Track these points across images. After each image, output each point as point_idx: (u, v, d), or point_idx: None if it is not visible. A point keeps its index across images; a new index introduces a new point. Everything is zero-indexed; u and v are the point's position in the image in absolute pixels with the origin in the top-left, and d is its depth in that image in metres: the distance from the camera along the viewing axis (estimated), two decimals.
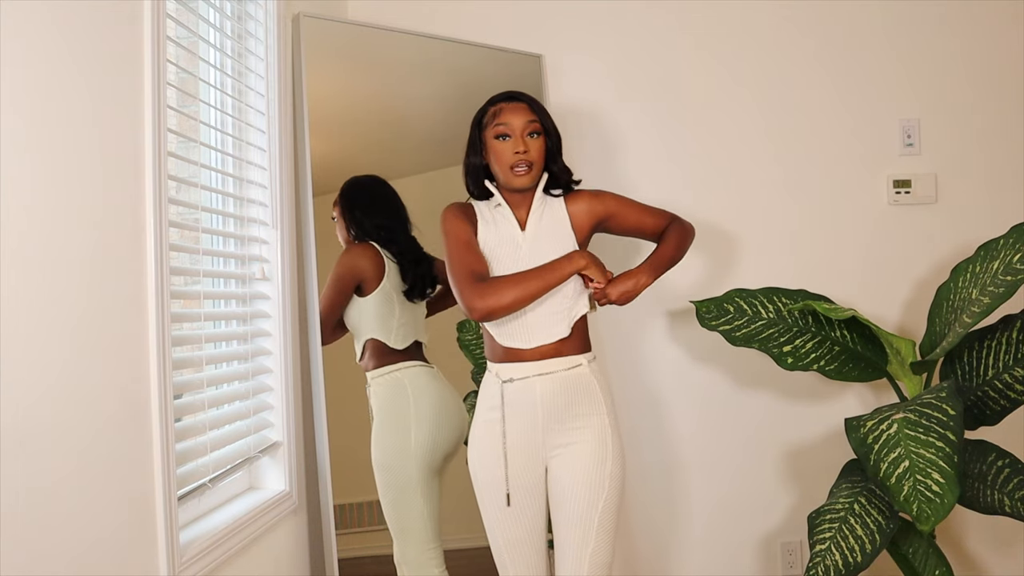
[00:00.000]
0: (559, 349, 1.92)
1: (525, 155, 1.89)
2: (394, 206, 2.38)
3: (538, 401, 1.90)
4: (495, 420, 1.94)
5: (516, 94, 1.98)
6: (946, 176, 2.75)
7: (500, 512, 1.95)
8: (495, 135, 1.91)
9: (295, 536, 2.18)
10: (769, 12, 2.76)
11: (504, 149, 1.90)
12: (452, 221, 1.95)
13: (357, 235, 2.32)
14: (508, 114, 1.92)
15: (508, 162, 1.90)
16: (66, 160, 1.31)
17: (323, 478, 2.21)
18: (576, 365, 1.92)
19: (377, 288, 2.27)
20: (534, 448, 1.92)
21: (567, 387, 1.91)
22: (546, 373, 1.90)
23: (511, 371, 1.92)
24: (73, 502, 1.29)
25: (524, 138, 1.90)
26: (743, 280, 2.66)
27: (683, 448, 2.76)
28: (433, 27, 2.64)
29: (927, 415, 1.98)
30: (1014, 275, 2.07)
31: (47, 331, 1.25)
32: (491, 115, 1.94)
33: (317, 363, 2.22)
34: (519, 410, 1.92)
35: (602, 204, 2.01)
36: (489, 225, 1.97)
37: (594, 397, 1.93)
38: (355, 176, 2.39)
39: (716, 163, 2.76)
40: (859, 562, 2.09)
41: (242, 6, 2.09)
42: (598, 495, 1.88)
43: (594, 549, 1.87)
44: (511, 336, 1.92)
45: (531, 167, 1.90)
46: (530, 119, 1.91)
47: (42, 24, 1.25)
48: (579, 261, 1.89)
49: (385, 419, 2.29)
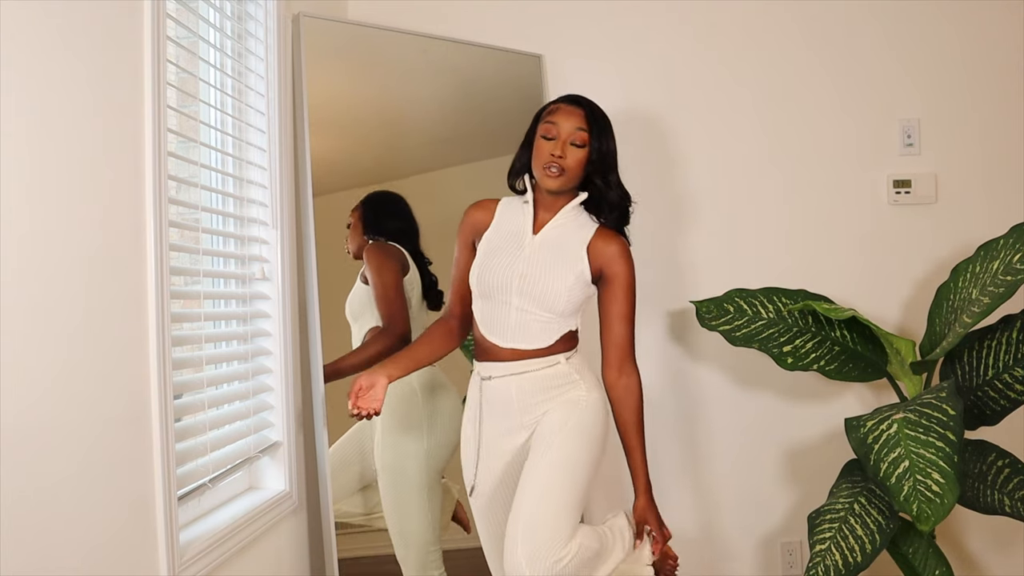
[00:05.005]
0: (537, 352, 1.91)
1: (560, 160, 1.86)
2: (411, 220, 2.42)
3: (514, 399, 1.90)
4: (471, 419, 1.97)
5: (578, 98, 1.95)
6: (946, 176, 2.75)
7: (477, 504, 1.97)
8: (542, 133, 1.90)
9: (295, 536, 2.18)
10: (769, 12, 2.76)
11: (544, 148, 1.88)
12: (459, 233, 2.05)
13: (375, 236, 2.34)
14: (561, 115, 1.90)
15: (543, 161, 1.88)
16: (66, 160, 1.31)
17: (323, 478, 2.21)
18: (554, 364, 1.91)
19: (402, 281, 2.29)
20: (508, 446, 1.92)
21: (544, 383, 1.90)
22: (522, 372, 1.89)
23: (489, 369, 1.92)
24: (73, 502, 1.29)
25: (566, 144, 1.87)
26: (743, 280, 2.65)
27: (683, 448, 2.75)
28: (433, 27, 2.64)
29: (927, 415, 1.98)
30: (1014, 275, 2.07)
31: (47, 331, 1.25)
32: (547, 112, 1.93)
33: (317, 363, 2.22)
34: (495, 408, 1.92)
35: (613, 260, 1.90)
36: (507, 217, 1.97)
37: (570, 380, 1.90)
38: (378, 189, 2.44)
39: (716, 162, 2.75)
40: (859, 562, 2.09)
41: (242, 6, 2.09)
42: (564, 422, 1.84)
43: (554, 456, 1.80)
44: (492, 330, 1.91)
45: (563, 172, 1.87)
46: (579, 127, 1.88)
47: (42, 24, 1.25)
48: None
49: (393, 420, 2.29)
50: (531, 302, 1.88)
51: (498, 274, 1.90)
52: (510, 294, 1.89)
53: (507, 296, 1.89)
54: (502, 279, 1.89)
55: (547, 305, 1.88)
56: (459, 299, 2.04)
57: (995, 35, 2.74)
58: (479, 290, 1.93)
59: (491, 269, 1.91)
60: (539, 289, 1.87)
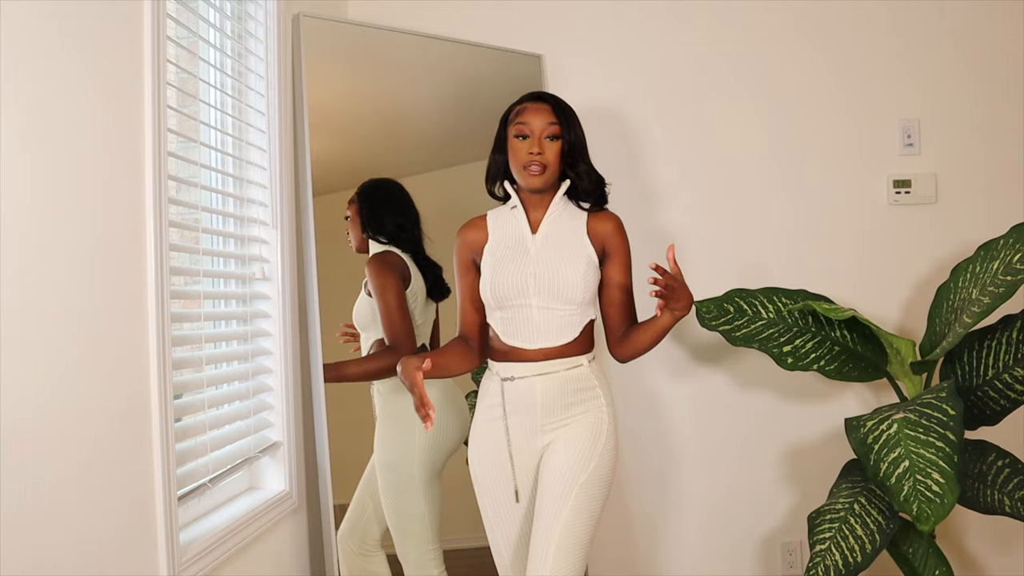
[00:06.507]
0: (562, 351, 1.92)
1: (539, 156, 1.91)
2: (410, 208, 2.39)
3: (538, 400, 1.91)
4: (497, 418, 1.94)
5: (542, 95, 1.99)
6: (946, 176, 2.75)
7: (502, 509, 1.95)
8: (515, 134, 1.94)
9: (295, 536, 2.18)
10: (770, 12, 2.76)
11: (520, 148, 1.92)
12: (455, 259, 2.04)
13: (374, 234, 2.32)
14: (530, 114, 1.94)
15: (522, 161, 1.92)
16: (66, 160, 1.31)
17: (323, 478, 2.21)
18: (577, 365, 1.93)
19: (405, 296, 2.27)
20: (532, 446, 1.92)
21: (567, 386, 1.91)
22: (547, 373, 1.91)
23: (512, 370, 1.93)
24: (73, 502, 1.29)
25: (541, 140, 1.92)
26: (743, 280, 2.66)
27: (683, 448, 2.76)
28: (433, 27, 2.64)
29: (927, 415, 1.98)
30: (1014, 275, 2.07)
31: (47, 331, 1.25)
32: (515, 113, 1.97)
33: (317, 363, 2.22)
34: (519, 408, 1.92)
35: (611, 236, 1.96)
36: (501, 227, 1.99)
37: (592, 392, 1.93)
38: (372, 178, 2.40)
39: (716, 162, 2.75)
40: (859, 562, 2.09)
41: (242, 6, 2.09)
42: (583, 467, 1.86)
43: (572, 509, 1.82)
44: (515, 335, 1.93)
45: (544, 168, 1.92)
46: (550, 121, 1.93)
47: (42, 24, 1.25)
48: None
49: (389, 419, 2.29)
50: (550, 298, 1.91)
51: (512, 280, 1.92)
52: (528, 296, 1.91)
53: (526, 299, 1.91)
54: (517, 284, 1.91)
55: (566, 297, 1.91)
56: (472, 323, 2.02)
57: (995, 35, 2.75)
58: (496, 301, 1.93)
59: (504, 278, 1.92)
60: (556, 283, 1.90)
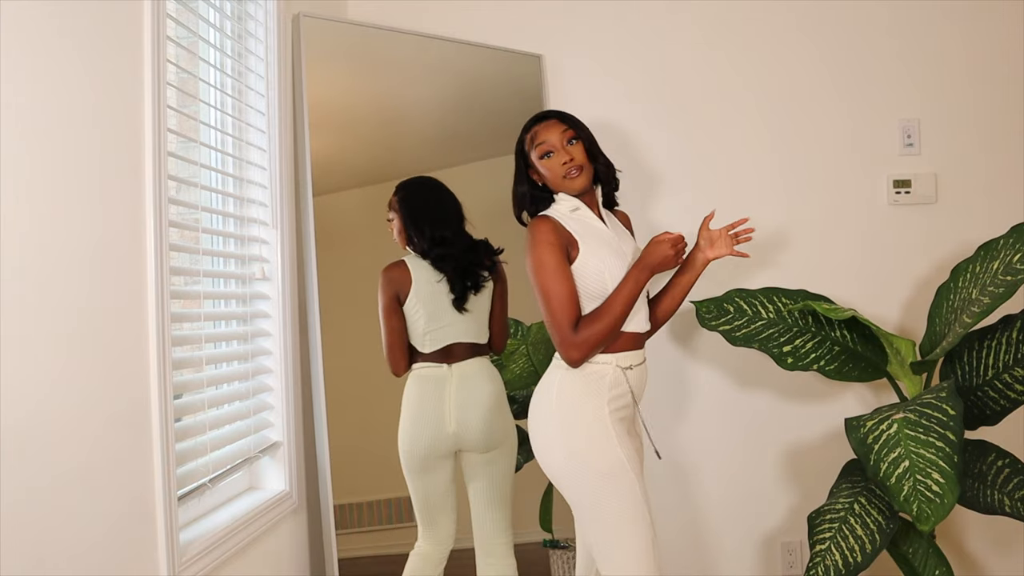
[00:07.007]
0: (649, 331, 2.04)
1: (572, 162, 1.96)
2: (452, 213, 2.32)
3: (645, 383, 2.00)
4: (627, 406, 1.92)
5: (544, 114, 2.05)
6: (946, 176, 2.75)
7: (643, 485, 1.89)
8: (540, 155, 1.98)
9: (295, 536, 2.18)
10: (770, 12, 2.76)
11: (553, 164, 1.97)
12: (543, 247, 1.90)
13: (416, 244, 2.27)
14: (544, 132, 1.98)
15: (559, 173, 1.96)
16: (66, 160, 1.31)
17: (323, 478, 2.21)
18: None
19: (405, 303, 2.27)
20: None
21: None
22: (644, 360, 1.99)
23: (630, 359, 1.94)
24: (73, 502, 1.29)
25: (565, 147, 1.97)
26: (743, 280, 2.66)
27: (683, 448, 2.76)
28: (433, 27, 2.64)
29: (927, 415, 1.98)
30: (1014, 275, 2.07)
31: (47, 331, 1.25)
32: (530, 139, 2.01)
33: (317, 363, 2.22)
34: (639, 394, 1.96)
35: (628, 223, 2.13)
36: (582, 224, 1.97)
37: None
38: (414, 179, 2.35)
39: (716, 162, 2.75)
40: (859, 562, 2.09)
41: (242, 6, 2.09)
42: None
43: None
44: (630, 320, 1.94)
45: (581, 169, 1.97)
46: (564, 130, 1.98)
47: (42, 24, 1.25)
48: (658, 253, 1.91)
49: (402, 411, 2.29)
50: None
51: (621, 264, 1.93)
52: None
53: None
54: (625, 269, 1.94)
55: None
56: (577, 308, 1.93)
57: (995, 35, 2.75)
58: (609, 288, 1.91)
59: (613, 266, 1.93)
60: None
